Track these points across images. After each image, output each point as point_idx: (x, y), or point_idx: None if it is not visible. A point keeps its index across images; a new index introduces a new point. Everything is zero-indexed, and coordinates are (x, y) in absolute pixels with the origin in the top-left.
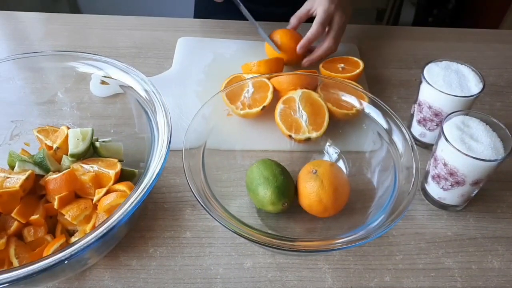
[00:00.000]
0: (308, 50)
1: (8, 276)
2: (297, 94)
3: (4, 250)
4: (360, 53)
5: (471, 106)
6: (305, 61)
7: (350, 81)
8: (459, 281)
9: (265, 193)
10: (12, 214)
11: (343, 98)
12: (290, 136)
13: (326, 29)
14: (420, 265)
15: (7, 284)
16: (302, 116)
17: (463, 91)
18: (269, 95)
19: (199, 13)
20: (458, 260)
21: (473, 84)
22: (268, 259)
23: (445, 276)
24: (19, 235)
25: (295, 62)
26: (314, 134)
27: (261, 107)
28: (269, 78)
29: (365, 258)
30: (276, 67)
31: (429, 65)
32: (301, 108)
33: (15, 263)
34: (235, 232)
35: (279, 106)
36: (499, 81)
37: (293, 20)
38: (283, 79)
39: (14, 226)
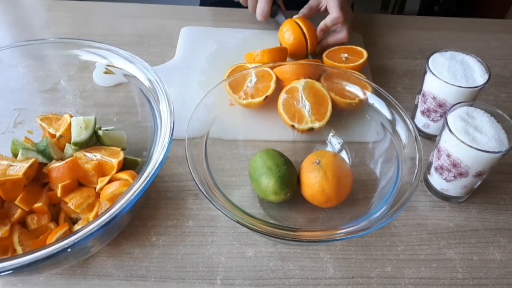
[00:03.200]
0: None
1: (12, 263)
2: (300, 83)
3: (8, 237)
4: (364, 42)
5: (476, 97)
6: (318, 46)
7: (353, 71)
8: (460, 272)
9: (268, 183)
10: (16, 202)
11: (347, 88)
12: (293, 126)
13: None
14: (422, 256)
15: (11, 271)
16: (305, 106)
17: (468, 82)
18: (272, 85)
19: None
20: (459, 252)
21: (478, 75)
22: (270, 249)
23: (446, 267)
24: (22, 223)
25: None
26: (317, 124)
27: (263, 97)
28: (272, 68)
29: (367, 248)
30: (279, 56)
31: (434, 55)
32: (304, 98)
33: (19, 250)
34: (238, 222)
35: (282, 95)
36: (504, 72)
37: (305, 10)
38: (286, 68)
39: (18, 213)
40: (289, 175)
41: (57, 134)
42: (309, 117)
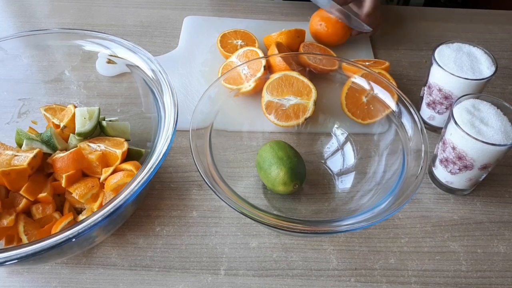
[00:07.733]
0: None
1: (17, 252)
2: (266, 95)
3: (13, 227)
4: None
5: (482, 89)
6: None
7: (361, 63)
8: (464, 264)
9: (278, 173)
10: (21, 192)
11: (353, 80)
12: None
13: None
14: (425, 248)
15: (17, 260)
16: (290, 101)
17: (475, 74)
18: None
19: None
20: (463, 244)
21: (485, 67)
22: (273, 240)
23: (450, 260)
24: (27, 213)
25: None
26: (309, 107)
27: (252, 85)
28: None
29: (370, 240)
30: (297, 38)
31: (440, 46)
32: (284, 98)
33: (24, 239)
34: (242, 213)
35: (271, 114)
36: (511, 64)
37: None
38: (272, 61)
39: (23, 203)
40: (299, 168)
41: (61, 125)
42: (301, 105)
